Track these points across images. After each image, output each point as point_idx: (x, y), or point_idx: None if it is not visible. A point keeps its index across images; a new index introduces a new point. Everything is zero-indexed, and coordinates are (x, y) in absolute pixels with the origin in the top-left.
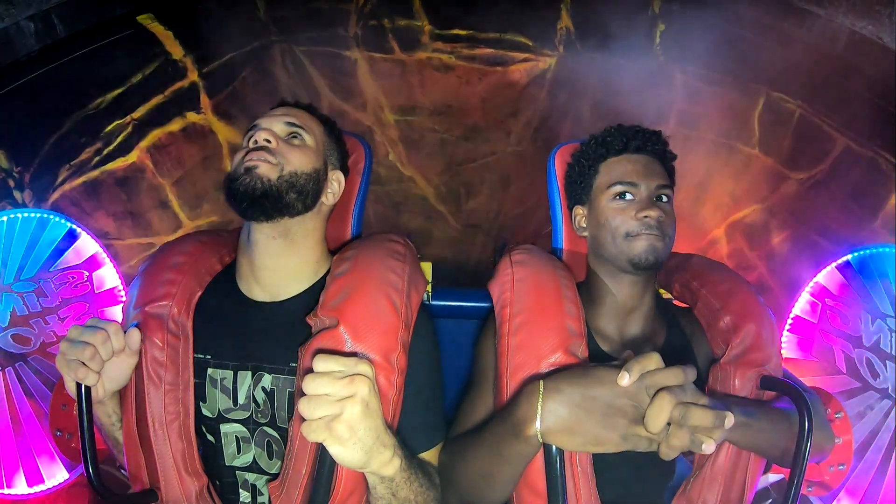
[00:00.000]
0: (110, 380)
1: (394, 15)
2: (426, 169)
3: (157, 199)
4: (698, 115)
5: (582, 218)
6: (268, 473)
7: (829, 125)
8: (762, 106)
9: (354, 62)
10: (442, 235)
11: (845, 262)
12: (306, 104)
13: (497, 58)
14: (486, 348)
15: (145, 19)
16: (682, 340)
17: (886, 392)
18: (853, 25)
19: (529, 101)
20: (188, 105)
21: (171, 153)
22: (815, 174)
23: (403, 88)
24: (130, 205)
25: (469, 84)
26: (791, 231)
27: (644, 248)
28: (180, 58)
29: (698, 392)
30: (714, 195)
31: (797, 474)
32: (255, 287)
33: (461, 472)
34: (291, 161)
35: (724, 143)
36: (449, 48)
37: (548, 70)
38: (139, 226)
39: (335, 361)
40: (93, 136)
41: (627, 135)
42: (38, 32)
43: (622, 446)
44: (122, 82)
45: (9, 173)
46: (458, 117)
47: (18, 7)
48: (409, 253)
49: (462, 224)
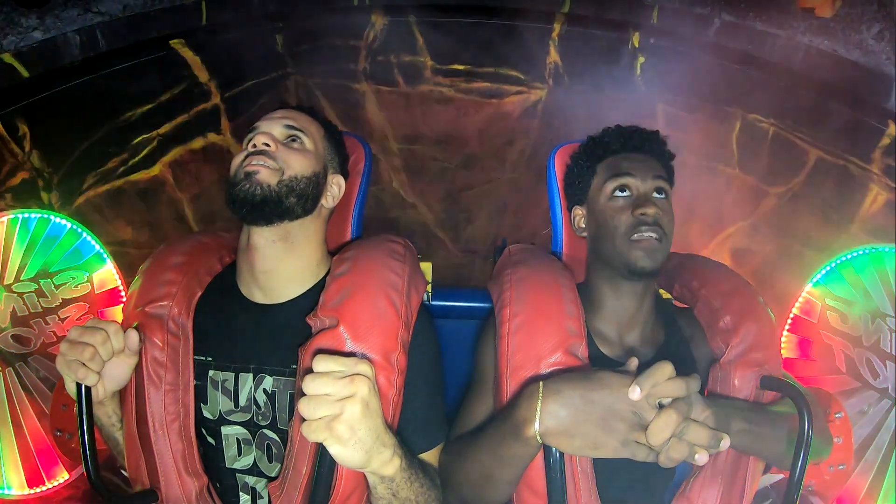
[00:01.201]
0: (110, 380)
1: (399, 51)
2: (428, 196)
3: (175, 212)
4: (680, 141)
5: (581, 218)
6: (268, 476)
7: (801, 139)
8: (739, 128)
9: (363, 94)
10: (441, 262)
11: (845, 262)
12: (307, 106)
13: (492, 91)
14: (485, 348)
15: (177, 44)
16: (681, 341)
17: (886, 392)
18: (811, 42)
19: (523, 130)
20: (210, 126)
21: (190, 170)
22: (792, 187)
23: (407, 119)
24: (149, 215)
25: (467, 115)
26: (775, 244)
27: (641, 256)
28: (206, 81)
29: (702, 402)
30: (700, 216)
31: (797, 474)
32: (255, 289)
33: (461, 473)
34: (291, 165)
35: (706, 166)
36: (449, 82)
37: (539, 101)
38: (155, 236)
39: (335, 361)
40: (120, 147)
41: (625, 134)
42: (83, 44)
43: (620, 452)
44: (151, 99)
45: (40, 173)
46: (457, 146)
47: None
48: (409, 253)
49: (461, 250)
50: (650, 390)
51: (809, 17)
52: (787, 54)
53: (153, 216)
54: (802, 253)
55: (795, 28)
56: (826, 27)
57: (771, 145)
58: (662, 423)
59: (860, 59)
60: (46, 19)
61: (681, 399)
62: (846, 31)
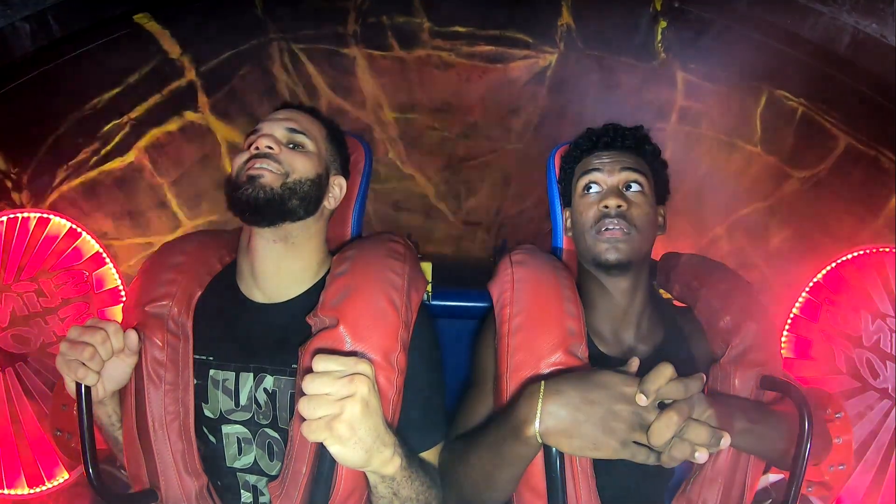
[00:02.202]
0: (110, 380)
1: (392, 12)
2: (426, 167)
3: (156, 198)
4: (700, 113)
5: (567, 219)
6: (268, 475)
7: (832, 123)
8: (764, 103)
9: (353, 60)
10: (442, 233)
11: (846, 262)
12: (309, 107)
13: (497, 55)
14: (485, 348)
15: (142, 18)
16: (680, 340)
17: (886, 392)
18: (857, 24)
19: (530, 98)
20: (186, 104)
21: (169, 153)
22: (817, 172)
23: (403, 86)
24: (129, 205)
25: (469, 82)
26: (793, 230)
27: (605, 248)
28: (177, 56)
29: (704, 403)
30: (715, 193)
31: (797, 474)
32: (255, 289)
33: (461, 472)
34: (294, 168)
35: (725, 141)
36: (449, 45)
37: (548, 67)
38: (138, 226)
39: (335, 361)
40: (90, 137)
41: (597, 133)
42: (34, 33)
43: (620, 453)
44: (119, 82)
45: (6, 175)
46: (457, 115)
47: (14, 8)
48: (409, 253)
49: (462, 222)
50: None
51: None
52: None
53: (133, 205)
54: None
55: (840, 5)
56: (874, 8)
57: (798, 126)
58: (664, 425)
59: None
60: None
61: (682, 400)
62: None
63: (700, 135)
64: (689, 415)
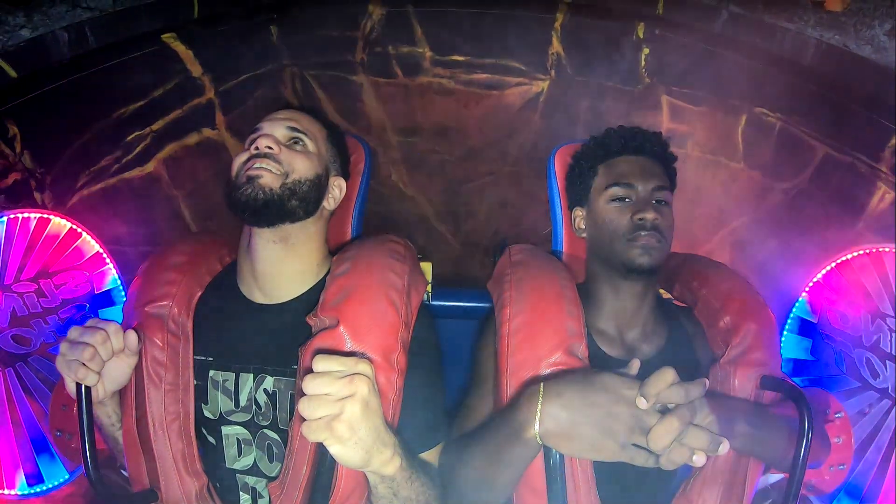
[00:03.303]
0: (110, 380)
1: (397, 42)
2: (427, 189)
3: (170, 209)
4: (685, 134)
5: (581, 219)
6: (268, 476)
7: (808, 135)
8: (745, 121)
9: (360, 86)
10: (443, 256)
11: (846, 262)
12: (310, 107)
13: (493, 82)
14: (485, 348)
15: (168, 38)
16: (682, 341)
17: (886, 392)
18: (821, 37)
19: (524, 123)
20: (204, 121)
21: (185, 166)
22: (798, 183)
23: (406, 111)
24: (144, 213)
25: (467, 107)
26: (779, 239)
27: (639, 253)
28: (199, 76)
29: (706, 407)
30: (705, 210)
31: (797, 475)
32: (255, 289)
33: (462, 473)
34: (294, 168)
35: (710, 160)
36: (448, 73)
37: (541, 93)
38: (151, 234)
39: (335, 361)
40: (113, 145)
41: (626, 136)
42: (72, 42)
43: (620, 455)
44: (144, 95)
45: (32, 174)
46: (457, 139)
47: (53, 18)
48: (409, 253)
49: (461, 243)
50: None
51: (820, 11)
52: (796, 48)
53: (149, 214)
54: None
55: (805, 22)
56: (837, 22)
57: (777, 140)
58: (664, 430)
59: (871, 55)
60: (34, 17)
61: (683, 405)
62: (858, 26)
63: (686, 155)
64: (690, 420)
